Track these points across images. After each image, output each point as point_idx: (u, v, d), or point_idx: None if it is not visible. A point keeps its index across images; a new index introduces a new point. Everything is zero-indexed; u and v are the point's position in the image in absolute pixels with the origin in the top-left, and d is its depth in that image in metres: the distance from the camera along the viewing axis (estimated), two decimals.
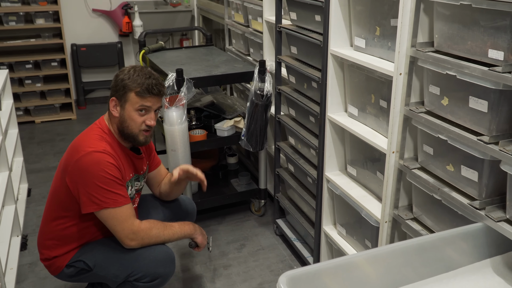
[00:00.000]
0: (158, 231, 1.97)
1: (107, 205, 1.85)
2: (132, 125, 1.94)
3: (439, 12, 1.58)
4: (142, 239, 1.92)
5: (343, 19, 2.11)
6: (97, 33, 5.15)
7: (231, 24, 3.70)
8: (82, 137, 1.94)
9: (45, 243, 2.01)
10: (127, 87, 1.90)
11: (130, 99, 1.91)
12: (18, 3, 4.53)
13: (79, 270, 1.98)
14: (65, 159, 1.93)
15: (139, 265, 1.94)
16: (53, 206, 1.99)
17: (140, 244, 1.93)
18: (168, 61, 3.16)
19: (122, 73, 1.93)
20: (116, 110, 1.94)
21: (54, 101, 4.85)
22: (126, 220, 1.89)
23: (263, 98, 2.73)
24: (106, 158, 1.85)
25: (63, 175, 1.91)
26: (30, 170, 3.76)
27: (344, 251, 2.29)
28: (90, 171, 1.82)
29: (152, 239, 1.95)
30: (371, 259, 1.39)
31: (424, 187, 1.73)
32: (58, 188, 1.95)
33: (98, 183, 1.82)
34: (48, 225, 2.00)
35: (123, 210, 1.88)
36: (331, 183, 2.32)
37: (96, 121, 2.02)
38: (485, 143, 1.44)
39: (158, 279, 1.97)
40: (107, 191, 1.84)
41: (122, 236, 1.89)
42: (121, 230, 1.89)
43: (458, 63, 1.50)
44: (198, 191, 3.17)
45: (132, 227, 1.90)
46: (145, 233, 1.93)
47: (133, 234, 1.90)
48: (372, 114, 2.05)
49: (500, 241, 1.48)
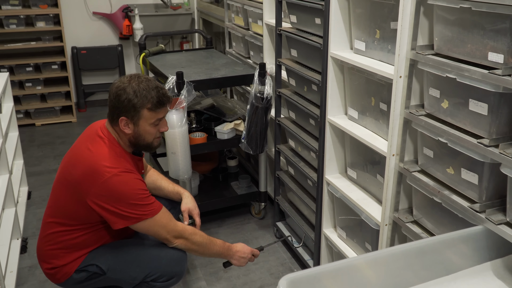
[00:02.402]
0: (202, 239, 2.01)
1: (146, 217, 1.86)
2: (148, 137, 1.93)
3: (439, 15, 1.58)
4: (187, 239, 1.96)
5: (343, 22, 2.11)
6: (98, 36, 5.15)
7: (231, 27, 3.70)
8: (95, 156, 1.85)
9: (50, 252, 1.95)
10: (137, 106, 1.83)
11: (143, 116, 1.86)
12: (19, 6, 4.54)
13: (90, 274, 1.95)
14: (79, 178, 1.84)
15: (156, 265, 1.98)
16: (59, 218, 1.93)
17: (184, 244, 1.97)
18: (168, 64, 3.17)
19: (124, 93, 1.82)
20: (128, 127, 1.88)
21: (54, 104, 4.85)
22: (168, 223, 1.92)
23: (263, 101, 2.73)
24: (132, 176, 1.84)
25: (80, 195, 1.83)
26: (30, 173, 3.76)
27: (344, 254, 2.29)
28: (123, 192, 1.80)
29: (193, 245, 1.99)
30: (372, 262, 1.39)
31: (424, 190, 1.73)
32: (67, 203, 1.89)
33: (133, 201, 1.82)
34: (53, 235, 1.94)
35: (161, 215, 1.90)
36: (331, 186, 2.32)
37: (96, 131, 1.93)
38: (485, 146, 1.44)
39: (174, 278, 2.03)
40: (142, 205, 1.84)
41: (169, 237, 1.93)
42: (166, 232, 1.92)
43: (458, 66, 1.50)
44: (198, 194, 3.17)
45: (176, 228, 1.94)
46: (189, 234, 1.97)
47: (179, 233, 1.95)
48: (372, 117, 2.05)
49: (500, 244, 1.48)
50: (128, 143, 1.94)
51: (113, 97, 1.85)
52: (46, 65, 4.73)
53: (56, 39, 4.79)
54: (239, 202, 3.21)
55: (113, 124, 1.91)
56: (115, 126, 1.90)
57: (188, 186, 2.87)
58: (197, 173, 3.19)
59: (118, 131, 1.91)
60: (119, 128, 1.89)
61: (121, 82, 1.85)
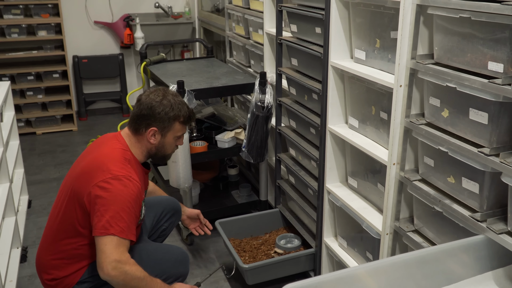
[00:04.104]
0: (143, 275, 1.80)
1: (114, 232, 1.75)
2: (169, 149, 2.05)
3: (439, 24, 1.59)
4: (125, 273, 1.75)
5: (343, 31, 2.12)
6: (99, 45, 5.18)
7: (232, 36, 3.72)
8: (105, 156, 1.87)
9: (52, 263, 1.93)
10: (172, 118, 1.95)
11: (174, 128, 1.98)
12: (21, 15, 4.57)
13: (93, 285, 1.93)
14: (82, 173, 1.85)
15: (162, 268, 2.01)
16: (63, 225, 1.91)
17: (117, 278, 1.74)
18: (169, 72, 3.18)
19: (160, 105, 1.93)
20: (155, 138, 1.97)
21: (55, 113, 4.86)
22: (118, 247, 1.76)
23: (263, 110, 2.74)
24: (135, 189, 1.82)
25: (79, 193, 1.83)
26: (30, 182, 3.76)
27: (345, 264, 2.28)
28: (118, 196, 1.77)
29: (132, 281, 1.77)
30: (372, 271, 1.39)
31: (425, 199, 1.73)
32: (72, 205, 1.87)
33: (117, 209, 1.77)
34: (56, 244, 1.92)
35: (123, 241, 1.77)
36: (332, 195, 2.32)
37: (113, 136, 1.98)
38: (485, 155, 1.44)
39: (180, 278, 2.08)
40: (121, 219, 1.77)
41: (107, 261, 1.73)
42: (109, 254, 1.74)
43: (458, 75, 1.51)
44: (198, 203, 3.17)
45: (121, 256, 1.75)
46: (130, 268, 1.76)
47: (119, 263, 1.74)
48: (372, 126, 2.05)
49: (501, 253, 1.48)
50: (146, 153, 2.00)
51: (145, 108, 1.93)
52: (47, 74, 4.75)
53: (58, 48, 4.82)
54: (239, 211, 3.20)
55: (136, 134, 1.97)
56: (138, 136, 1.97)
57: (189, 195, 2.87)
58: (197, 182, 3.19)
59: (140, 140, 1.97)
60: (143, 138, 1.96)
61: (155, 95, 1.95)
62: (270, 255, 2.67)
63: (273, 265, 2.47)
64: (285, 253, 2.66)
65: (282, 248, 2.69)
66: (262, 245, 2.77)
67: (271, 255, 2.67)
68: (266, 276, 2.48)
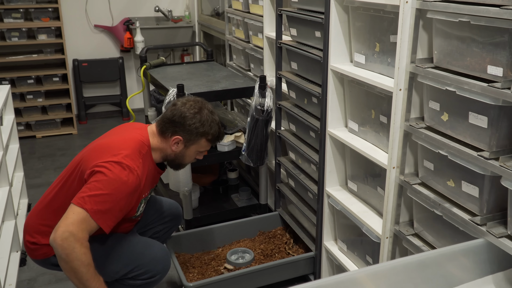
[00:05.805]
0: (89, 262, 1.72)
1: (87, 208, 1.72)
2: (187, 160, 2.07)
3: (438, 28, 1.59)
4: (72, 249, 1.67)
5: (343, 35, 2.13)
6: (99, 48, 5.18)
7: (232, 39, 3.72)
8: (122, 142, 1.88)
9: (38, 227, 1.95)
10: (200, 134, 1.97)
11: (199, 143, 2.00)
12: (21, 19, 4.57)
13: None
14: (95, 149, 1.89)
15: (142, 262, 1.99)
16: (59, 195, 1.93)
17: (63, 249, 1.67)
18: (169, 76, 3.18)
19: (193, 118, 1.94)
20: (177, 146, 1.99)
21: (55, 116, 4.87)
22: (82, 223, 1.70)
23: (263, 113, 2.74)
24: (133, 184, 1.80)
25: (87, 163, 1.84)
26: (30, 185, 3.76)
27: (345, 267, 2.28)
28: (113, 182, 1.76)
29: (75, 261, 1.69)
30: (372, 275, 1.38)
31: (425, 203, 1.73)
32: (74, 177, 1.90)
33: (107, 192, 1.74)
34: (47, 211, 1.95)
35: (90, 222, 1.72)
36: (331, 199, 2.32)
37: (139, 127, 2.01)
38: (485, 159, 1.44)
39: (157, 276, 2.05)
40: (103, 203, 1.74)
41: (63, 228, 1.68)
42: (70, 223, 1.69)
43: (457, 79, 1.51)
44: (198, 207, 3.16)
45: (79, 232, 1.69)
46: (80, 249, 1.69)
47: (72, 237, 1.68)
48: (372, 130, 2.05)
49: (501, 257, 1.47)
50: (164, 155, 2.01)
51: (178, 115, 1.95)
52: (47, 78, 4.75)
53: (58, 51, 4.82)
54: (239, 215, 3.20)
55: (161, 135, 1.98)
56: (162, 137, 1.99)
57: (188, 199, 2.87)
58: (197, 186, 3.19)
59: (162, 142, 1.98)
60: (167, 141, 1.98)
61: (191, 106, 1.97)
62: (220, 271, 2.53)
63: (220, 282, 2.32)
64: (235, 269, 2.51)
65: (233, 264, 2.57)
66: (213, 260, 2.63)
67: (221, 271, 2.53)
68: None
